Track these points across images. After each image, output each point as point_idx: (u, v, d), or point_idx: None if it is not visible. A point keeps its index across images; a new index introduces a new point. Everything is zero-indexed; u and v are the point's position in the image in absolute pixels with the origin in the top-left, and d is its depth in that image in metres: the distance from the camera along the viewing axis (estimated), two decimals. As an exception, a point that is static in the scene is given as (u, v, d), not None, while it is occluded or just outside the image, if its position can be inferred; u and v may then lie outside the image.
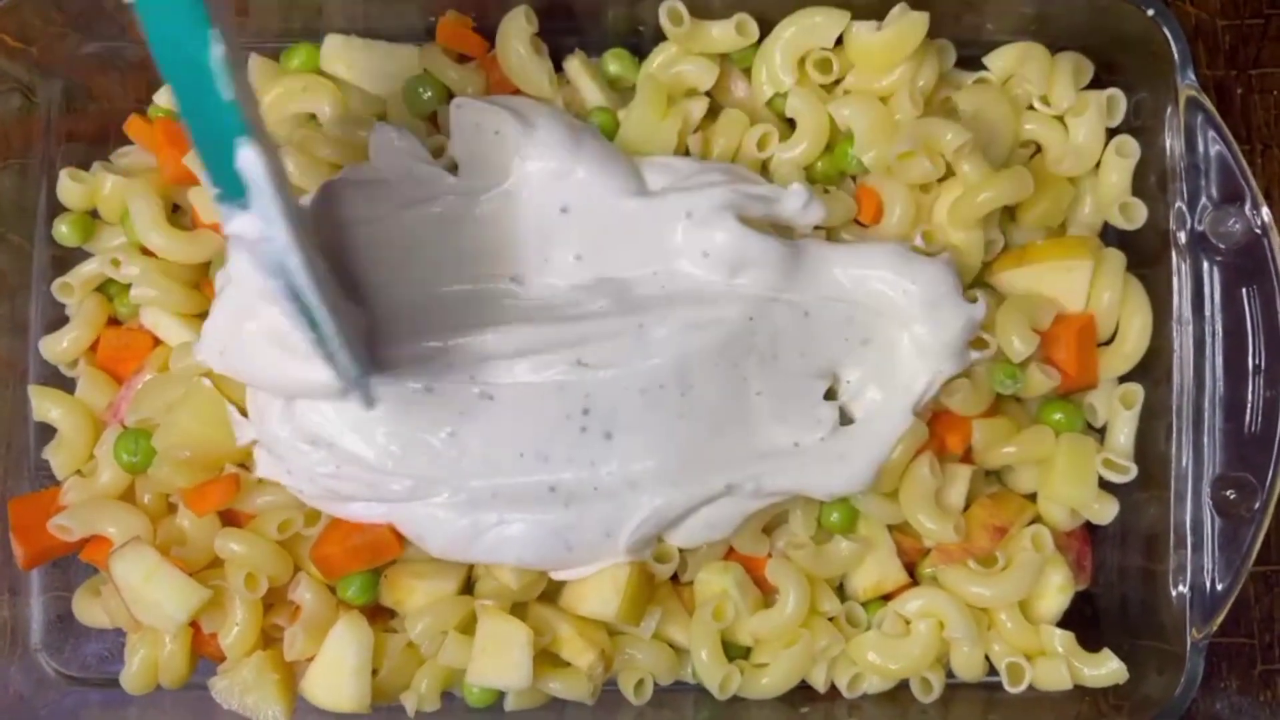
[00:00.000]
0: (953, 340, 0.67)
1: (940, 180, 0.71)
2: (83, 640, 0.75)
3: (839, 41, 0.72)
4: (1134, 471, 0.71)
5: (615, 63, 0.73)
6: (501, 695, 0.71)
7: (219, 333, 0.66)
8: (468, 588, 0.71)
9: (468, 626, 0.69)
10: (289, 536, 0.70)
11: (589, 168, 0.67)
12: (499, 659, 0.67)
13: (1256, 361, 0.67)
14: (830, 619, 0.72)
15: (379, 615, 0.72)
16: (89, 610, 0.73)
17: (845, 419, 0.69)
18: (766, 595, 0.71)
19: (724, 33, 0.71)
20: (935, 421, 0.70)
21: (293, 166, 0.70)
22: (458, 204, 0.68)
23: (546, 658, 0.70)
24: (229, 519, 0.71)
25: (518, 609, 0.69)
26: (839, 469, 0.67)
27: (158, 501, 0.72)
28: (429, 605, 0.69)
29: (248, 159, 0.50)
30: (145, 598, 0.67)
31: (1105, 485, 0.72)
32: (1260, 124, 0.74)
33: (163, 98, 0.75)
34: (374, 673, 0.69)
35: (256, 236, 0.52)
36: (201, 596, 0.67)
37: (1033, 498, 0.73)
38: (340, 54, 0.73)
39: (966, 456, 0.72)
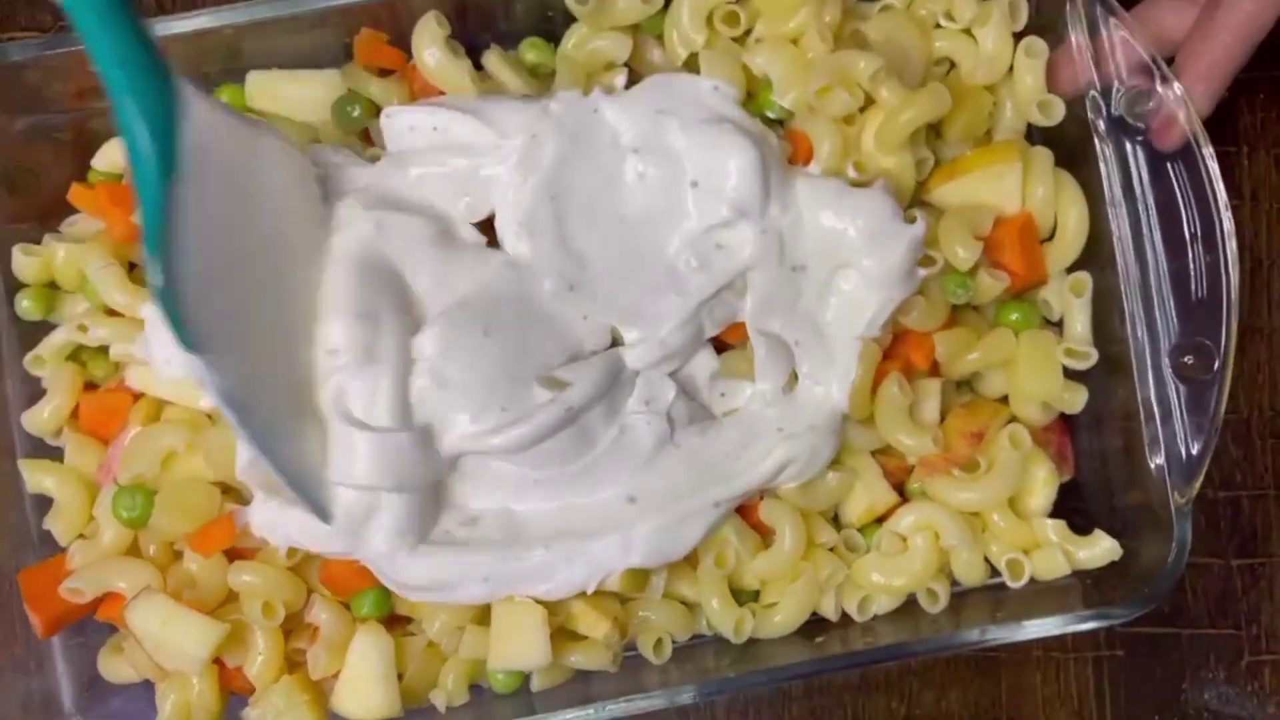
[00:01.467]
0: (899, 264, 0.69)
1: (862, 110, 0.72)
2: (113, 698, 0.76)
3: (742, -6, 0.74)
4: (1095, 356, 0.73)
5: (532, 51, 0.75)
6: (526, 678, 0.73)
7: (162, 340, 0.67)
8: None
9: (483, 618, 0.71)
10: (298, 561, 0.71)
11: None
12: (517, 641, 0.69)
13: (1192, 230, 0.69)
14: (830, 549, 0.74)
15: (396, 621, 0.73)
16: (114, 667, 0.74)
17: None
18: (765, 537, 0.73)
19: (629, 4, 0.73)
20: (897, 342, 0.72)
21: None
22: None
23: (564, 635, 0.71)
24: (236, 554, 0.72)
25: (527, 593, 0.71)
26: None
27: (163, 551, 0.73)
28: (442, 604, 0.71)
29: None
30: (166, 643, 0.68)
31: (1071, 375, 0.74)
32: (1246, 127, 0.75)
33: (100, 161, 0.77)
34: (400, 677, 0.71)
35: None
36: (220, 631, 0.69)
37: (1005, 400, 0.75)
38: (264, 89, 0.75)
39: (934, 371, 0.74)
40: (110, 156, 0.77)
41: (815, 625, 0.74)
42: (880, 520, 0.74)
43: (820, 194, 0.70)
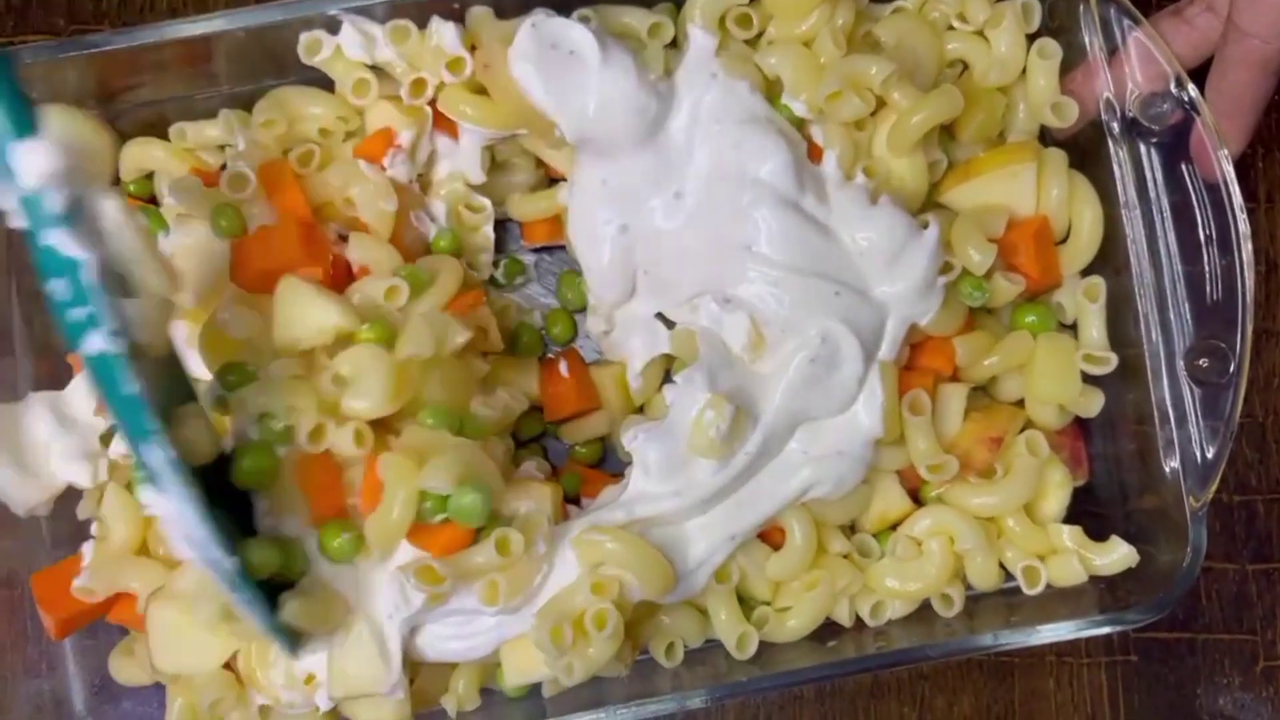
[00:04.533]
0: (923, 277, 0.68)
1: (874, 114, 0.72)
2: (124, 700, 0.76)
3: (754, -4, 0.74)
4: (1114, 361, 0.72)
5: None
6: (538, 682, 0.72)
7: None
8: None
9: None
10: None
11: None
12: (526, 654, 0.68)
13: (1207, 233, 0.69)
14: (844, 555, 0.73)
15: (405, 625, 0.73)
16: (125, 669, 0.74)
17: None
18: (773, 541, 0.72)
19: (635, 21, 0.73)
20: (918, 350, 0.71)
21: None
22: None
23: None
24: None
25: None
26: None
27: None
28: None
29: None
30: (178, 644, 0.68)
31: (1086, 379, 0.73)
32: (1261, 129, 0.74)
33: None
34: (410, 681, 0.71)
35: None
36: (233, 635, 0.68)
37: (1020, 404, 0.75)
38: None
39: (954, 376, 0.73)
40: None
41: (828, 629, 0.74)
42: (895, 525, 0.74)
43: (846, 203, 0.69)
